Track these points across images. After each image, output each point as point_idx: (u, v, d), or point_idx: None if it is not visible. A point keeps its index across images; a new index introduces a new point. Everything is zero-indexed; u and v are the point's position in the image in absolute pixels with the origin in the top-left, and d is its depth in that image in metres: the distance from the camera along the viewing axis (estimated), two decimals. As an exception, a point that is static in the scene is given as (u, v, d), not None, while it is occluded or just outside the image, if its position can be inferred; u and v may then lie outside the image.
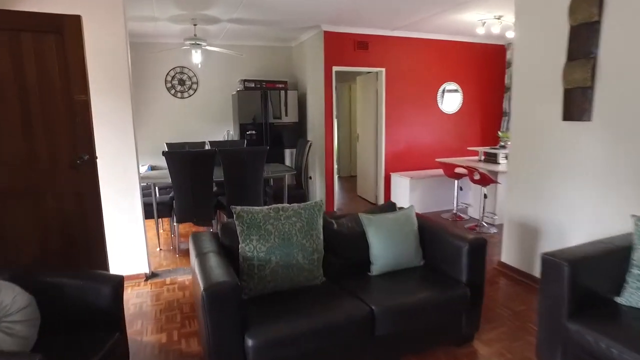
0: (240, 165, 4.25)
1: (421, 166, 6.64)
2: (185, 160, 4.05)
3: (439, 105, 6.62)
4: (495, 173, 5.18)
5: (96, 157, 2.51)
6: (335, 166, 6.14)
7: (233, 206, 2.40)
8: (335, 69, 5.83)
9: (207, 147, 5.59)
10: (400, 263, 2.73)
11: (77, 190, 2.49)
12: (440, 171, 6.34)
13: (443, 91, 6.62)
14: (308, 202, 2.56)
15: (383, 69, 6.11)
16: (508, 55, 6.94)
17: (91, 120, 2.47)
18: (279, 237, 2.33)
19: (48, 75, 2.33)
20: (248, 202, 4.41)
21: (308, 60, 6.43)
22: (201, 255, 2.25)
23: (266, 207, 2.45)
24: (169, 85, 6.47)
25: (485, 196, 5.22)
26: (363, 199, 7.00)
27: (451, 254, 2.62)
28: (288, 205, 2.51)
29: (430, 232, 2.85)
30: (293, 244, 2.35)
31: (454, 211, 5.89)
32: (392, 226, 2.75)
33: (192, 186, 4.15)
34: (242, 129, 6.24)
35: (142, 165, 6.11)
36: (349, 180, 8.61)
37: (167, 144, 5.28)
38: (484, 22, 4.95)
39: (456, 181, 5.80)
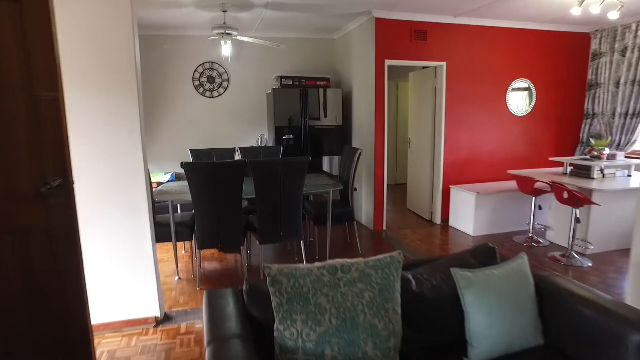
0: (276, 179, 3.44)
1: (485, 178, 5.62)
2: (209, 173, 3.28)
3: (508, 106, 5.58)
4: (589, 191, 4.12)
5: (72, 182, 1.74)
6: (386, 177, 5.23)
7: (267, 266, 1.56)
8: (388, 63, 4.92)
9: (238, 155, 4.82)
10: (512, 344, 1.81)
11: (45, 228, 1.73)
12: (511, 185, 5.31)
13: (512, 89, 5.57)
14: (381, 258, 1.69)
15: (444, 63, 5.15)
16: (594, 45, 5.79)
17: (65, 128, 1.70)
18: (338, 317, 1.47)
19: None
20: (285, 225, 3.60)
21: (355, 54, 5.56)
22: (216, 345, 1.42)
23: (317, 265, 1.60)
24: (197, 83, 5.77)
25: (578, 220, 4.17)
26: (415, 214, 6.06)
27: (598, 339, 1.68)
28: (350, 262, 1.65)
29: (555, 296, 1.91)
30: (359, 327, 1.49)
31: (530, 234, 4.85)
32: (501, 289, 1.83)
33: (217, 205, 3.38)
34: (278, 133, 5.44)
35: (166, 174, 5.43)
36: (394, 190, 7.67)
37: (191, 151, 4.56)
38: (583, 1, 3.91)
39: (534, 198, 4.76)
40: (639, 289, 2.77)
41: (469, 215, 5.07)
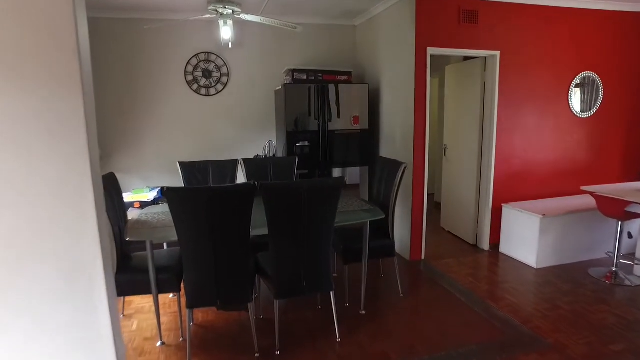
0: (299, 210, 2.41)
1: (541, 193, 4.61)
2: (203, 203, 2.24)
3: (570, 105, 4.56)
4: None
5: None
6: (426, 195, 4.20)
7: None
8: (430, 51, 3.90)
9: (241, 169, 3.78)
10: None
11: None
12: (580, 202, 4.30)
13: (575, 85, 4.56)
14: None
15: (497, 53, 4.13)
16: (672, 33, 4.78)
17: None
18: None
19: None
20: (309, 272, 2.57)
21: (384, 42, 4.53)
22: None
23: None
24: (189, 78, 4.74)
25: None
26: (453, 235, 5.03)
27: None
28: None
29: None
30: None
31: (613, 268, 3.83)
32: None
33: (215, 247, 2.35)
34: (290, 139, 4.41)
35: (152, 190, 4.40)
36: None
37: (180, 164, 3.53)
38: None
39: (619, 223, 3.75)
40: None
41: (530, 241, 4.04)
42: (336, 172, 4.94)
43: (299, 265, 2.56)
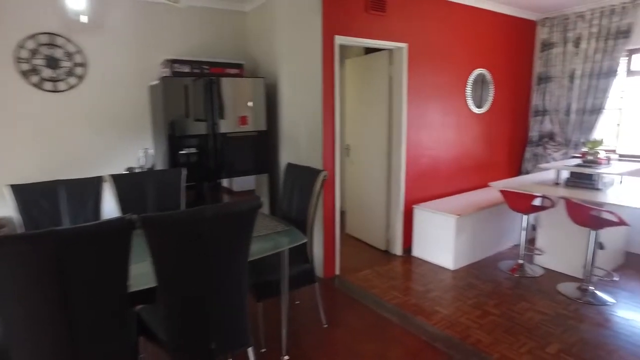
0: (200, 246, 1.70)
1: (447, 190, 4.54)
2: (42, 259, 1.39)
3: (468, 101, 4.57)
4: (598, 205, 3.22)
5: None
6: (338, 203, 3.75)
7: None
8: (339, 40, 3.45)
9: (109, 189, 2.83)
10: None
11: None
12: (484, 196, 4.31)
13: (473, 82, 4.59)
14: None
15: (404, 45, 3.87)
16: (543, 35, 5.14)
17: None
18: None
19: None
20: (218, 328, 1.86)
21: (282, 30, 3.96)
22: None
23: None
24: (25, 67, 3.53)
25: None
26: (360, 241, 4.71)
27: None
28: None
29: None
30: None
31: (520, 261, 3.86)
32: None
33: (71, 316, 1.51)
34: (173, 145, 3.55)
35: (-28, 224, 3.13)
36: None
37: (13, 188, 2.46)
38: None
39: (525, 217, 3.78)
40: None
41: (445, 244, 3.88)
42: (225, 182, 4.22)
43: (204, 322, 1.84)
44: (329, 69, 3.41)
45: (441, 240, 3.91)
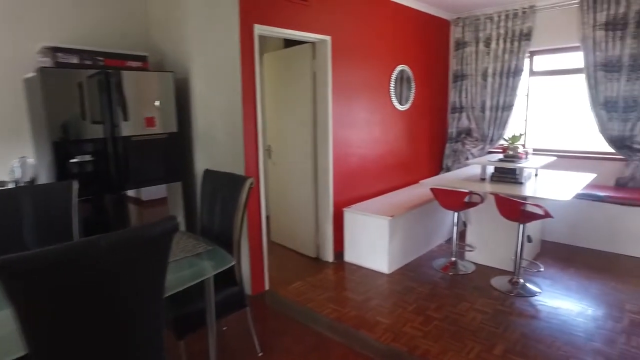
0: (96, 292, 1.24)
1: (375, 190, 4.41)
2: None
3: (392, 98, 4.49)
4: (522, 198, 3.29)
5: None
6: (264, 210, 3.38)
7: None
8: (259, 30, 3.08)
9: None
10: None
11: None
12: (417, 195, 4.24)
13: (396, 78, 4.51)
14: None
15: (328, 38, 3.63)
16: (456, 34, 5.27)
17: None
18: None
19: None
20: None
21: (192, 16, 3.46)
22: None
23: None
24: None
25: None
26: (287, 249, 4.38)
27: None
28: None
29: None
30: None
31: (453, 258, 3.84)
32: None
33: None
34: (60, 153, 2.88)
35: None
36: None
37: None
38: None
39: (456, 214, 3.76)
40: None
41: (379, 247, 3.72)
42: (132, 192, 3.60)
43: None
44: (248, 61, 3.03)
45: (375, 243, 3.74)
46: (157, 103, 3.35)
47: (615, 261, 3.87)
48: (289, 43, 4.05)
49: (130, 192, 3.31)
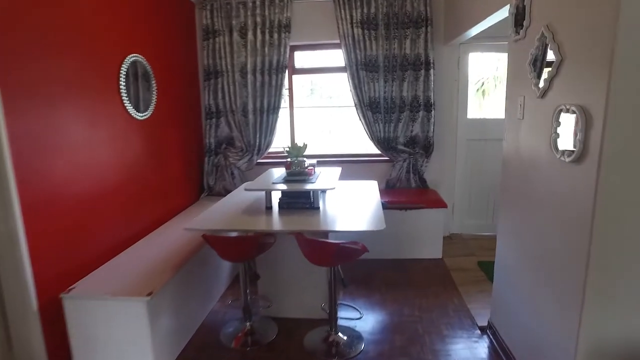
0: None
1: (116, 241, 2.87)
2: None
3: (124, 101, 2.99)
4: (324, 233, 2.55)
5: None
6: None
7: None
8: None
9: None
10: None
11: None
12: (180, 241, 2.95)
13: (128, 73, 3.02)
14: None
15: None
16: (204, 20, 4.14)
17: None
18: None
19: None
20: None
21: None
22: None
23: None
24: None
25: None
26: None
27: None
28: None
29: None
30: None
31: (248, 324, 2.77)
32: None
33: None
34: None
35: None
36: None
37: None
38: None
39: (235, 264, 2.69)
40: None
41: (136, 345, 2.27)
42: None
43: None
44: None
45: (127, 340, 2.27)
46: None
47: (410, 268, 3.66)
48: None
49: None
